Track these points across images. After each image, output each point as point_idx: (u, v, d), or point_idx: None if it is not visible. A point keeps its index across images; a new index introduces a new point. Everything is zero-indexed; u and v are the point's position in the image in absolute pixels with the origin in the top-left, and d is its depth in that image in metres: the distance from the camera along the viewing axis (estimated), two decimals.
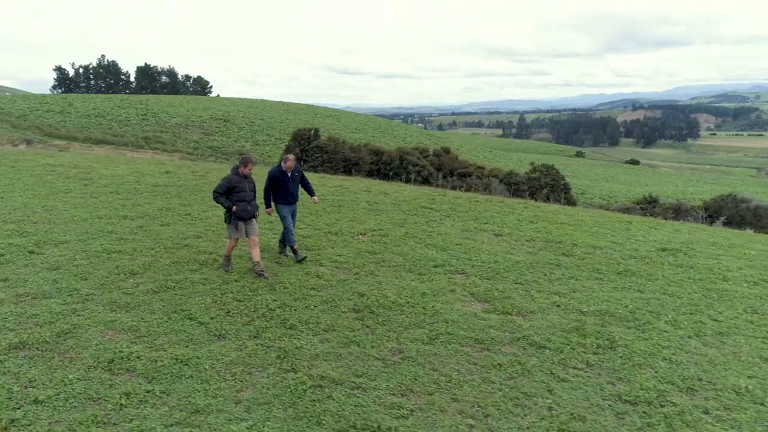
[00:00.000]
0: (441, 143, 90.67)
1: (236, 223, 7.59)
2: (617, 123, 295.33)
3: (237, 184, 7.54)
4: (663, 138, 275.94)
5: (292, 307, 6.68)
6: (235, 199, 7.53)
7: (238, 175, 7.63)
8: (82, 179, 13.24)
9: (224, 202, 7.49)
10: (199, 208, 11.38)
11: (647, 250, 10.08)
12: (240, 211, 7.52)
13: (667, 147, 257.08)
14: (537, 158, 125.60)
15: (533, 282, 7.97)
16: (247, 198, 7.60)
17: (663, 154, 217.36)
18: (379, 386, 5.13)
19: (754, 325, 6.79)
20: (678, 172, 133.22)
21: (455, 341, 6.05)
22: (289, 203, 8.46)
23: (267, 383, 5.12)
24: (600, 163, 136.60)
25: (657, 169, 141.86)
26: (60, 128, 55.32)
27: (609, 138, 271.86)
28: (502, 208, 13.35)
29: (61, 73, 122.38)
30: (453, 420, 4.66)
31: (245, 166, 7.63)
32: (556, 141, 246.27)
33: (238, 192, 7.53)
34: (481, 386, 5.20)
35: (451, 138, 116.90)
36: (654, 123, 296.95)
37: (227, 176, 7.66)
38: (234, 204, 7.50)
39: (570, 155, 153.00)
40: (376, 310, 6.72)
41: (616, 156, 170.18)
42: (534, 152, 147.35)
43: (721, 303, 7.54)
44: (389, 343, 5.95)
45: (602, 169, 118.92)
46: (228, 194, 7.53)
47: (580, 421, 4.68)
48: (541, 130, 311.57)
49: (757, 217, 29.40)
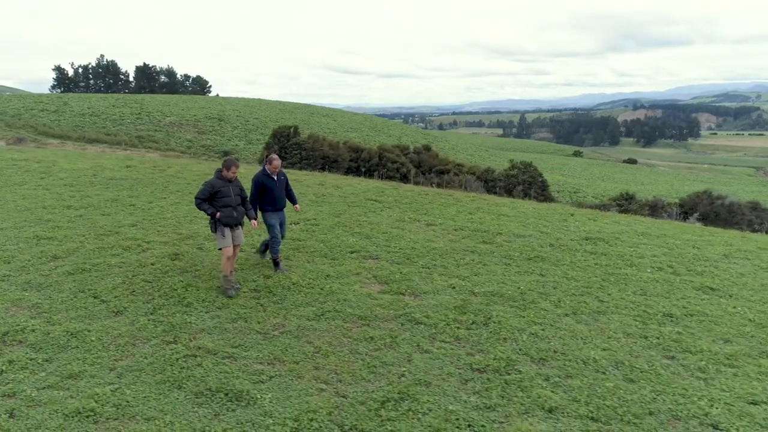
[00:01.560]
0: (436, 142, 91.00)
1: (223, 230, 7.01)
2: (618, 123, 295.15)
3: (220, 189, 7.01)
4: (663, 138, 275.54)
5: (195, 287, 7.08)
6: (219, 204, 6.99)
7: (222, 179, 7.08)
8: (41, 173, 13.70)
9: (207, 209, 6.94)
10: (146, 200, 11.79)
11: (570, 239, 10.44)
12: (225, 218, 6.98)
13: (667, 146, 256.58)
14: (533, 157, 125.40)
15: (440, 266, 8.34)
16: (232, 203, 7.06)
17: (663, 153, 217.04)
18: (250, 356, 5.52)
19: (634, 305, 7.15)
20: (675, 171, 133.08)
21: (339, 318, 6.44)
22: (277, 210, 7.88)
23: (146, 353, 5.51)
24: (597, 163, 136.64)
25: (654, 168, 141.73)
26: (54, 127, 55.70)
27: (609, 137, 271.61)
28: (448, 201, 13.73)
29: (61, 73, 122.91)
30: (306, 384, 5.05)
31: (228, 169, 7.05)
32: (557, 141, 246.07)
33: (221, 197, 7.00)
34: (346, 356, 5.58)
35: (447, 137, 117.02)
36: (655, 122, 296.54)
37: (209, 180, 7.12)
38: (218, 210, 6.97)
39: (568, 154, 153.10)
40: (274, 290, 7.11)
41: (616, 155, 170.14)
42: (532, 152, 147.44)
43: (615, 286, 7.90)
44: (275, 319, 6.34)
45: (599, 168, 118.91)
46: (210, 200, 7.00)
47: (424, 386, 5.06)
48: (541, 129, 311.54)
49: (731, 214, 29.67)
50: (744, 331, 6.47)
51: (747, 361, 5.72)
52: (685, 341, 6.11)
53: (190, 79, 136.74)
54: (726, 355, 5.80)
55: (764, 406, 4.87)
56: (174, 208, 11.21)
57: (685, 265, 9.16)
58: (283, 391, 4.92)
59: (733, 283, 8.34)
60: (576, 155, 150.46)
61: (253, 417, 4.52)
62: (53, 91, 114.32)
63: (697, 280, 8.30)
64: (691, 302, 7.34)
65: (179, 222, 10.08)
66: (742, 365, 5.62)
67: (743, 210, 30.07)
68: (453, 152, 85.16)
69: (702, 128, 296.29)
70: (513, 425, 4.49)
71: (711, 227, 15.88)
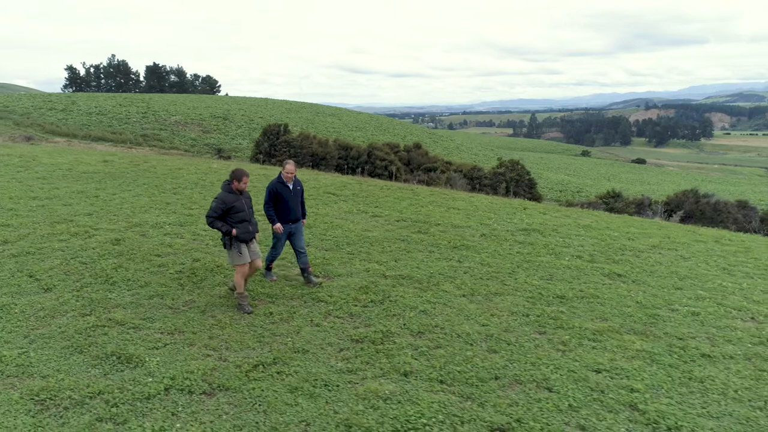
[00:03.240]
0: (441, 142, 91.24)
1: (239, 247, 6.52)
2: (629, 122, 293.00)
3: (233, 204, 6.50)
4: (675, 137, 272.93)
5: (125, 269, 7.68)
6: (234, 220, 6.50)
7: (233, 192, 6.57)
8: (19, 167, 14.43)
9: (222, 227, 6.43)
10: (111, 192, 12.43)
11: (506, 230, 10.92)
12: (242, 233, 6.51)
13: (679, 147, 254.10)
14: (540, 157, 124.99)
15: (365, 253, 8.87)
16: (247, 217, 6.61)
17: (675, 153, 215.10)
18: (153, 327, 6.10)
19: (533, 288, 7.64)
20: (684, 171, 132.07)
21: (250, 297, 6.99)
22: (289, 222, 7.38)
23: (61, 324, 6.11)
24: (605, 162, 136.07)
25: (663, 168, 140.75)
26: (61, 126, 56.87)
27: (620, 137, 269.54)
28: (405, 195, 14.25)
29: (73, 73, 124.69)
30: (195, 351, 5.61)
31: (239, 180, 6.57)
32: (567, 141, 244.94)
33: (235, 212, 6.50)
34: (242, 329, 6.14)
35: (453, 137, 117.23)
36: (667, 122, 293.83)
37: (220, 195, 6.56)
38: (233, 226, 6.48)
39: (576, 154, 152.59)
40: (197, 273, 7.69)
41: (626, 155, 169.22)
42: (540, 151, 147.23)
43: (525, 271, 8.38)
44: (188, 297, 6.92)
45: (606, 168, 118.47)
46: (224, 217, 6.50)
47: (301, 353, 5.61)
48: (551, 129, 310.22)
49: (716, 212, 29.83)
50: (624, 311, 6.94)
51: (611, 336, 6.20)
52: (562, 319, 6.59)
53: (199, 78, 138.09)
54: (594, 331, 6.28)
55: (605, 374, 5.35)
56: (135, 199, 11.84)
57: (607, 255, 9.61)
58: (171, 356, 5.48)
59: (643, 270, 8.79)
60: (584, 155, 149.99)
61: (136, 376, 5.09)
62: (65, 90, 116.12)
63: (608, 268, 8.76)
64: (590, 286, 7.81)
65: (134, 212, 10.70)
66: (605, 340, 6.10)
67: (729, 208, 30.20)
68: (457, 151, 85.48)
69: (715, 128, 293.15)
70: (364, 385, 5.01)
71: (682, 224, 16.26)
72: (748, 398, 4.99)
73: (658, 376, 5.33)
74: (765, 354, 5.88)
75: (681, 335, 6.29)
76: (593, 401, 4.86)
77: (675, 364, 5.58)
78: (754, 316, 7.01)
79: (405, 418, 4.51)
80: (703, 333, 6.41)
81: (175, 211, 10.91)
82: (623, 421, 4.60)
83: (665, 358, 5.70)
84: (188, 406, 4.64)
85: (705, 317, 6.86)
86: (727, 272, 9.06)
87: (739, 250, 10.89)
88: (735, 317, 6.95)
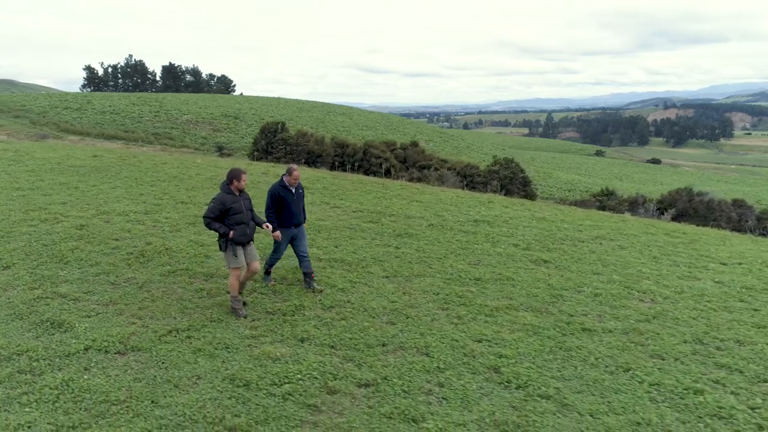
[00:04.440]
0: (452, 141, 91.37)
1: (234, 250, 6.38)
2: (647, 122, 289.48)
3: (232, 205, 6.35)
4: (694, 137, 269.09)
5: (81, 250, 8.38)
6: (232, 222, 6.34)
7: (231, 192, 6.44)
8: (11, 160, 15.33)
9: (219, 228, 6.28)
10: (91, 184, 13.19)
11: (456, 221, 11.45)
12: (239, 236, 6.36)
13: (698, 147, 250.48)
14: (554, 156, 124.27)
15: (310, 239, 9.43)
16: (245, 219, 6.44)
17: (693, 153, 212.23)
18: (91, 299, 6.77)
19: (456, 271, 8.18)
20: (699, 172, 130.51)
21: (187, 275, 7.64)
22: (290, 226, 7.25)
23: (11, 296, 6.79)
24: (619, 162, 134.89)
25: (678, 168, 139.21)
26: (75, 124, 58.37)
27: (638, 137, 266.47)
28: (374, 188, 14.84)
29: (91, 73, 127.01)
30: (122, 319, 6.26)
31: (238, 179, 6.45)
32: (584, 140, 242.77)
33: (233, 214, 6.35)
34: (171, 302, 6.78)
35: (464, 136, 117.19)
36: (686, 122, 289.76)
37: (218, 196, 6.44)
38: (231, 228, 6.33)
39: (590, 154, 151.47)
40: (146, 254, 8.37)
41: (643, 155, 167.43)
42: (553, 151, 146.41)
43: (457, 257, 8.93)
44: (131, 274, 7.59)
45: (619, 168, 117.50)
46: (221, 218, 6.35)
47: (215, 322, 6.23)
48: (568, 129, 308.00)
49: (709, 210, 29.91)
50: (532, 292, 7.46)
51: (507, 312, 6.73)
52: (468, 298, 7.14)
53: (214, 78, 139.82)
54: (493, 308, 6.82)
55: (484, 343, 5.90)
56: (111, 190, 12.59)
57: (544, 244, 10.11)
58: (99, 323, 6.14)
59: (571, 257, 9.28)
60: (598, 154, 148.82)
61: (63, 338, 5.75)
62: (83, 90, 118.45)
63: (538, 255, 9.26)
64: (511, 270, 8.34)
65: (106, 201, 11.43)
66: (500, 316, 6.64)
67: (723, 207, 30.23)
68: (467, 150, 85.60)
69: (736, 128, 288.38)
70: (261, 348, 5.63)
71: (657, 221, 16.61)
72: (604, 365, 5.50)
73: (532, 345, 5.87)
74: (643, 329, 6.37)
75: (573, 312, 6.81)
76: (461, 364, 5.42)
77: (553, 336, 6.11)
78: (654, 297, 7.49)
79: (284, 374, 5.11)
80: (597, 311, 6.91)
81: (145, 201, 11.63)
82: (480, 380, 5.15)
83: (547, 331, 6.22)
84: (101, 363, 5.29)
85: (605, 298, 7.35)
86: (655, 260, 9.50)
87: (684, 242, 11.29)
88: (635, 298, 7.43)
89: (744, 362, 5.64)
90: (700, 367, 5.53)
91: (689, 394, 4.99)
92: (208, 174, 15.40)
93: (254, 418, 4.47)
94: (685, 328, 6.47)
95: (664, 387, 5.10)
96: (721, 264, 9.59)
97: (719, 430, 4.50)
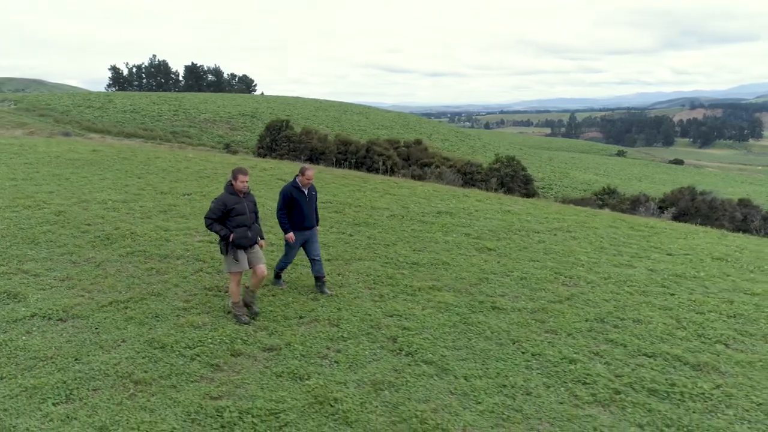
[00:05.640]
0: (468, 141, 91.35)
1: (235, 253, 6.15)
2: (673, 122, 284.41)
3: (234, 206, 6.13)
4: (722, 138, 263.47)
5: (52, 233, 9.07)
6: (233, 224, 6.12)
7: (234, 193, 6.20)
8: (13, 153, 16.24)
9: (220, 230, 6.09)
10: (83, 175, 13.97)
11: (420, 212, 11.91)
12: (239, 239, 6.14)
13: (725, 147, 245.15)
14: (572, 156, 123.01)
15: (268, 226, 10.04)
16: (248, 222, 6.21)
17: (720, 154, 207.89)
18: (51, 275, 7.42)
19: (398, 257, 8.66)
20: (723, 173, 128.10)
21: (143, 256, 8.26)
22: (303, 229, 7.04)
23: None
24: (640, 163, 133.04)
25: (702, 169, 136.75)
26: (97, 123, 60.12)
27: (663, 138, 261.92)
28: (354, 182, 15.37)
29: (116, 73, 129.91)
30: (73, 292, 6.88)
31: (235, 179, 6.20)
32: (607, 141, 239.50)
33: (236, 215, 6.13)
34: (122, 279, 7.38)
35: (481, 136, 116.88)
36: (713, 122, 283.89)
37: (220, 197, 6.21)
38: (231, 231, 6.12)
39: (611, 154, 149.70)
40: (111, 237, 9.02)
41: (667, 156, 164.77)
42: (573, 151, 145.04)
43: (405, 244, 9.41)
44: (92, 254, 8.24)
45: (640, 168, 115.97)
46: (223, 219, 6.15)
47: (154, 296, 6.82)
48: (591, 129, 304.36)
49: (712, 209, 29.71)
50: (461, 275, 7.92)
51: (429, 292, 7.20)
52: (397, 279, 7.63)
53: (236, 78, 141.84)
54: (416, 288, 7.30)
55: (394, 317, 6.39)
56: (99, 181, 13.35)
57: (497, 234, 10.51)
58: (51, 295, 6.77)
59: (517, 246, 9.68)
60: (619, 155, 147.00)
61: (15, 307, 6.39)
62: (108, 89, 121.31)
63: (485, 244, 9.68)
64: (451, 257, 8.78)
65: (91, 191, 12.17)
66: (421, 295, 7.12)
67: (726, 206, 29.99)
68: (483, 150, 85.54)
69: (765, 128, 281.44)
70: (186, 318, 6.19)
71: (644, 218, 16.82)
72: (497, 338, 5.95)
73: (437, 320, 6.33)
74: (551, 308, 6.79)
75: (492, 293, 7.25)
76: (364, 335, 5.92)
77: (461, 313, 6.56)
78: (578, 282, 7.87)
79: (199, 339, 5.68)
80: (515, 293, 7.33)
81: (127, 191, 12.34)
82: (375, 348, 5.65)
83: (458, 309, 6.68)
84: (42, 327, 5.92)
85: (529, 281, 7.76)
86: (601, 250, 9.84)
87: (644, 235, 11.56)
88: (559, 282, 7.82)
89: (632, 338, 6.03)
90: (588, 341, 5.94)
91: (563, 363, 5.41)
92: (196, 168, 16.12)
93: (160, 373, 5.04)
94: (592, 308, 6.86)
95: (544, 357, 5.53)
96: (667, 255, 9.89)
97: (577, 391, 4.93)
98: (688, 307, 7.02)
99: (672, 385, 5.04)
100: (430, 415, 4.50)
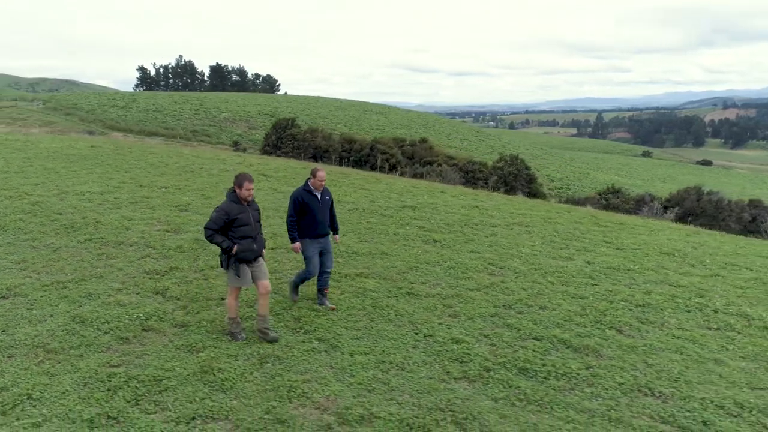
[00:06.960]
0: (487, 140, 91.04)
1: (237, 268, 5.69)
2: (704, 122, 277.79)
3: (238, 216, 5.66)
4: (755, 139, 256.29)
5: (23, 221, 9.68)
6: (237, 235, 5.65)
7: (237, 202, 5.71)
8: (15, 149, 17.11)
9: (222, 242, 5.61)
10: (73, 170, 14.70)
11: (386, 207, 12.27)
12: (243, 252, 5.67)
13: (758, 148, 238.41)
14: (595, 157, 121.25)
15: None
16: (252, 233, 5.75)
17: (751, 155, 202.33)
18: (9, 258, 7.97)
19: (342, 246, 9.02)
20: (752, 174, 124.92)
21: (100, 242, 8.80)
22: (317, 237, 6.57)
23: None
24: (666, 164, 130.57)
25: (730, 170, 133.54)
26: (120, 122, 61.84)
27: (693, 138, 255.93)
28: (335, 177, 15.77)
29: (144, 73, 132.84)
30: (23, 273, 7.43)
31: (240, 186, 5.67)
32: (634, 141, 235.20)
33: (239, 226, 5.66)
34: (72, 263, 7.91)
35: (501, 136, 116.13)
36: (747, 123, 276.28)
37: (222, 206, 5.71)
38: (235, 243, 5.65)
39: (636, 155, 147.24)
40: (75, 225, 9.57)
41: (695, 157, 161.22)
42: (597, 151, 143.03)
43: (355, 235, 9.81)
44: (52, 240, 8.82)
45: (664, 169, 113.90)
46: (225, 230, 5.67)
47: (95, 278, 7.34)
48: (618, 129, 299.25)
49: (718, 210, 29.28)
50: (394, 264, 8.27)
51: (354, 279, 7.58)
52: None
53: (260, 78, 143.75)
54: (343, 275, 7.68)
55: (309, 301, 6.76)
56: (87, 175, 14.04)
57: (450, 227, 10.81)
58: (21, 278, 7.28)
59: (464, 239, 9.98)
60: (645, 155, 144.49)
61: None
62: (136, 89, 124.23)
63: (433, 236, 10.00)
64: (393, 247, 9.14)
65: (74, 184, 12.83)
66: (346, 281, 7.49)
67: (733, 207, 29.51)
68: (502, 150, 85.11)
69: None
70: (116, 297, 6.68)
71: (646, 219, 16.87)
72: (398, 320, 6.30)
73: (351, 303, 6.71)
74: (465, 295, 7.10)
75: (414, 281, 7.58)
76: (273, 315, 6.31)
77: (376, 297, 6.92)
78: (505, 272, 8.13)
79: (118, 316, 6.15)
80: (438, 280, 7.66)
81: (108, 184, 12.98)
82: (279, 327, 6.04)
83: (374, 294, 7.04)
84: None
85: (457, 271, 8.07)
86: (549, 244, 10.07)
87: (604, 231, 11.71)
88: (487, 272, 8.10)
89: (529, 323, 6.30)
90: (485, 325, 6.24)
91: (449, 343, 5.73)
92: (184, 163, 16.75)
93: (71, 344, 5.52)
94: (505, 296, 7.14)
95: (433, 338, 5.86)
96: (616, 249, 10.06)
97: (450, 368, 5.25)
98: (601, 297, 7.24)
99: (543, 365, 5.31)
100: (300, 385, 4.88)
